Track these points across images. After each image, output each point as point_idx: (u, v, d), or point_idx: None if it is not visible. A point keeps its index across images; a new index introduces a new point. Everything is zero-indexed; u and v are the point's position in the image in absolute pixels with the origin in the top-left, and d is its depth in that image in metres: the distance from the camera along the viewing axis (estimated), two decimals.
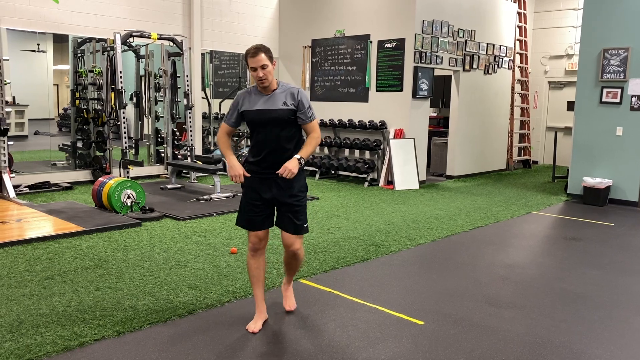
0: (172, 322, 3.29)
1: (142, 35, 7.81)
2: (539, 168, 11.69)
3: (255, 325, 3.20)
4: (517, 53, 11.23)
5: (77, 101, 8.53)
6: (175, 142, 8.93)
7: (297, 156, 3.06)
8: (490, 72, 10.19)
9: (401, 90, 8.73)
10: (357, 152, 9.37)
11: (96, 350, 2.91)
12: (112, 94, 7.64)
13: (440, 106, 11.28)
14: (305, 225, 3.21)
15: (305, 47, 10.00)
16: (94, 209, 6.19)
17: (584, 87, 7.77)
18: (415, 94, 8.65)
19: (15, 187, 6.99)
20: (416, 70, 8.58)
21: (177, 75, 8.74)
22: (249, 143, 9.07)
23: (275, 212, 3.22)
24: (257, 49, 3.03)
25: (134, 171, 8.08)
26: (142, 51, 8.74)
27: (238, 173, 3.08)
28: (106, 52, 7.80)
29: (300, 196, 3.17)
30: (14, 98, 8.17)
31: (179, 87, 8.77)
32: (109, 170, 7.93)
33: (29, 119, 8.88)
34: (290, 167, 3.00)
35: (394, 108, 8.84)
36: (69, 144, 8.76)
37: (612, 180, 7.53)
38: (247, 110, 3.12)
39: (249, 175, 3.11)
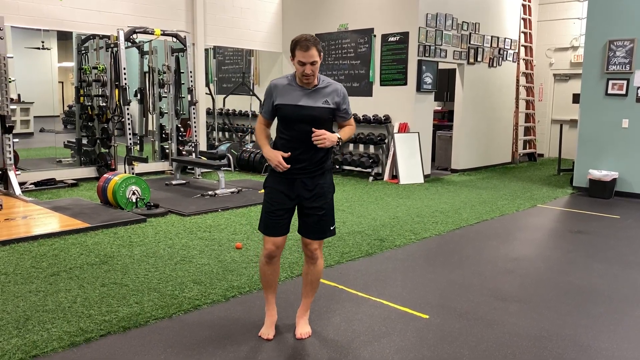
0: (178, 318, 3.30)
1: (145, 32, 7.82)
2: (545, 161, 11.64)
3: (268, 332, 3.06)
4: (522, 45, 11.16)
5: (82, 98, 8.56)
6: (180, 138, 8.95)
7: (338, 135, 2.84)
8: (494, 65, 10.14)
9: (405, 84, 8.70)
10: (361, 147, 9.35)
11: (102, 345, 2.92)
12: (116, 91, 7.65)
13: (444, 100, 11.23)
14: (331, 228, 3.00)
15: None
16: (99, 205, 6.21)
17: (590, 79, 7.72)
18: (419, 88, 8.62)
19: (21, 184, 7.02)
20: (420, 64, 8.55)
21: (181, 71, 8.75)
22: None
23: (298, 216, 3.01)
24: (309, 42, 2.75)
25: (139, 167, 8.10)
26: (146, 47, 8.74)
27: (278, 161, 2.81)
28: (110, 49, 7.81)
29: (328, 197, 2.97)
30: (19, 96, 8.21)
31: (183, 83, 8.77)
32: (113, 167, 7.95)
33: (34, 117, 8.93)
34: (328, 136, 2.77)
35: (398, 102, 8.82)
36: (74, 140, 8.80)
37: (618, 172, 7.49)
38: (283, 104, 2.85)
39: (287, 155, 2.83)
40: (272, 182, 2.96)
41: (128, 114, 7.53)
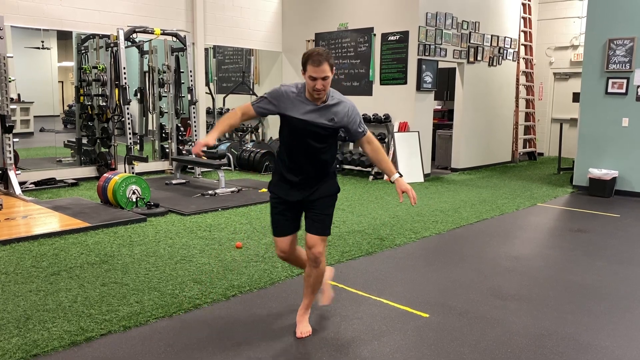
0: (178, 317, 3.30)
1: (145, 31, 7.82)
2: (545, 160, 11.64)
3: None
4: (522, 44, 11.15)
5: (82, 98, 8.56)
6: (180, 137, 8.94)
7: (397, 176, 2.90)
8: (494, 64, 10.13)
9: (405, 83, 8.70)
10: None
11: (102, 345, 2.93)
12: (116, 90, 7.65)
13: (444, 99, 11.23)
14: (330, 227, 2.99)
15: (309, 40, 9.97)
16: (99, 204, 6.22)
17: (590, 78, 7.71)
18: (419, 87, 8.62)
19: (21, 183, 7.02)
20: (420, 63, 8.55)
21: (181, 70, 8.74)
22: (254, 138, 8.89)
23: (303, 217, 3.05)
24: (321, 56, 2.68)
25: (139, 167, 8.10)
26: (146, 47, 8.74)
27: (199, 148, 2.73)
28: (110, 49, 7.81)
29: (328, 194, 2.98)
30: (19, 95, 8.20)
31: (183, 83, 8.77)
32: (114, 166, 7.95)
33: (34, 116, 8.91)
34: (409, 191, 2.88)
35: (398, 101, 8.82)
36: (74, 140, 8.79)
37: (618, 171, 7.49)
38: (290, 116, 2.83)
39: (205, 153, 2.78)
40: (276, 187, 3.01)
41: (128, 113, 7.53)
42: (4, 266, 4.16)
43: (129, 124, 7.51)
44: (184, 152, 8.82)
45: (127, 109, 7.52)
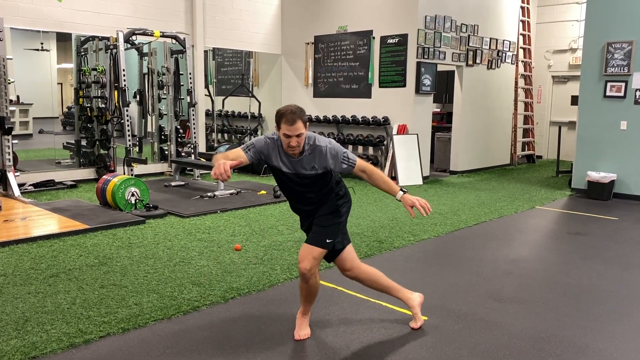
0: (177, 319, 3.30)
1: (144, 33, 7.82)
2: (543, 163, 11.65)
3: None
4: (521, 47, 11.18)
5: (81, 99, 8.56)
6: (179, 139, 8.95)
7: (402, 194, 2.87)
8: (493, 67, 10.15)
9: (404, 85, 8.72)
10: (360, 148, 9.36)
11: (101, 347, 2.93)
12: (116, 92, 7.66)
13: (443, 101, 11.25)
14: (327, 241, 2.93)
15: (308, 43, 9.98)
16: (98, 206, 6.22)
17: (588, 81, 7.73)
18: (418, 90, 8.63)
19: (20, 185, 7.02)
20: (419, 66, 8.56)
21: (180, 72, 8.75)
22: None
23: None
24: (295, 115, 2.71)
25: (138, 169, 8.10)
26: (145, 49, 8.75)
27: (220, 171, 2.58)
28: (109, 50, 7.82)
29: (328, 214, 2.98)
30: (18, 97, 8.20)
31: (182, 85, 8.78)
32: (113, 168, 7.95)
33: (33, 118, 8.91)
34: (419, 200, 2.87)
35: (397, 104, 8.83)
36: (73, 142, 8.79)
37: (616, 174, 7.50)
38: (274, 166, 2.90)
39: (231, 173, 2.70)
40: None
41: (127, 115, 7.54)
42: (3, 268, 4.15)
43: (128, 125, 7.52)
44: (182, 154, 8.82)
45: (126, 110, 7.53)
